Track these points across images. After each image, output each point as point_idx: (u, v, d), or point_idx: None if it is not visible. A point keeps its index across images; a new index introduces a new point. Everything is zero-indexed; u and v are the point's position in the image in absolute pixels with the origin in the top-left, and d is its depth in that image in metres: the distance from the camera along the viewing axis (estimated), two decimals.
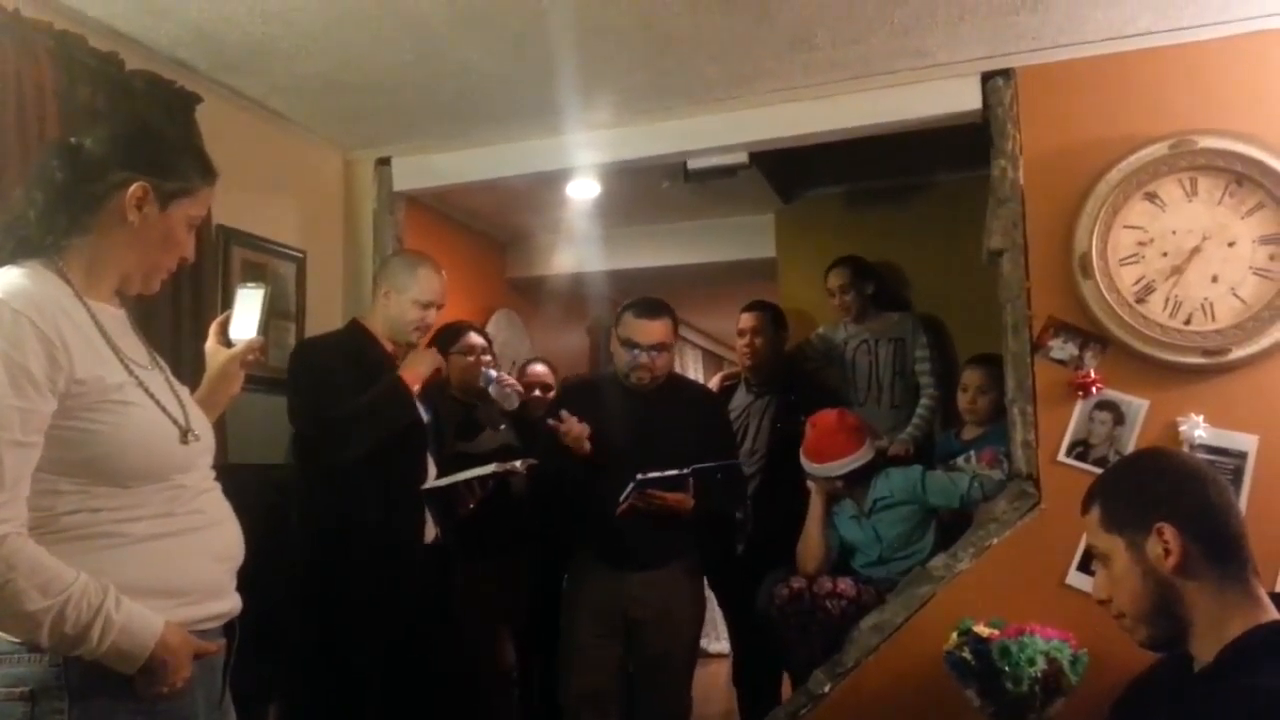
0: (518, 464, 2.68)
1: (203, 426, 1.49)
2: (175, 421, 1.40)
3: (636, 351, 2.84)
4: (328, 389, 2.53)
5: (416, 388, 2.59)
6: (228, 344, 1.69)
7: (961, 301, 3.80)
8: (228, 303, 2.95)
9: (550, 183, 3.88)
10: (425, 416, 2.71)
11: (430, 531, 2.66)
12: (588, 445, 2.73)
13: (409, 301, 2.68)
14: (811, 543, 2.98)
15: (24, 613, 1.20)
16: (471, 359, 3.29)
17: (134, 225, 1.40)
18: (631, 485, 2.64)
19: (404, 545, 2.56)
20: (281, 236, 3.31)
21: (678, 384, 3.13)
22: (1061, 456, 2.53)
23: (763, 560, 3.24)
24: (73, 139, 1.45)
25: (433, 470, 2.70)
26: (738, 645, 3.98)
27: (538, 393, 3.67)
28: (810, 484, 3.05)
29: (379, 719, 2.52)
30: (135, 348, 1.46)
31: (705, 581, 3.06)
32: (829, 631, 2.74)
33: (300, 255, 3.36)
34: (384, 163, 3.54)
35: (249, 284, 1.75)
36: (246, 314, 1.71)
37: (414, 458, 2.63)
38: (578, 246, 4.92)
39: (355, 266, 3.58)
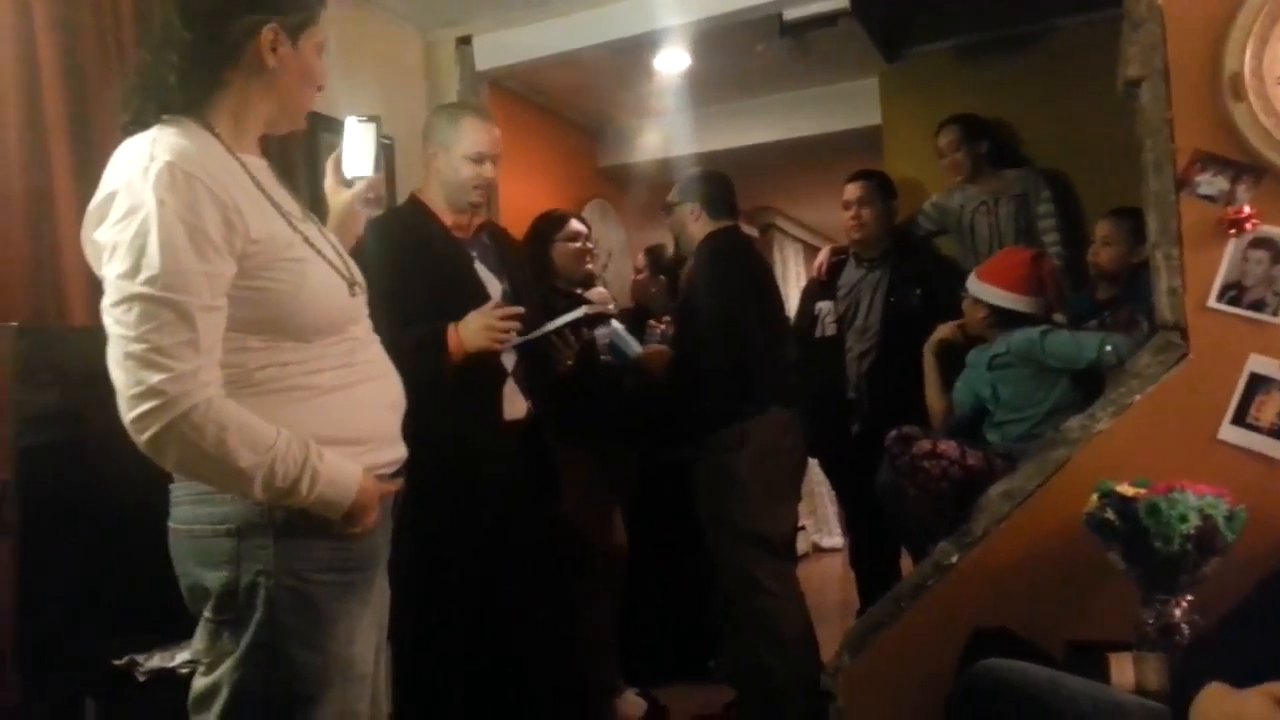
0: (610, 306, 2.57)
1: (362, 277, 1.50)
2: (341, 274, 1.43)
3: None
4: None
5: (457, 357, 2.31)
6: (347, 184, 1.67)
7: (1087, 158, 3.52)
8: (315, 191, 2.96)
9: (637, 55, 3.71)
10: (499, 288, 2.51)
11: (519, 407, 2.49)
12: None
13: (459, 158, 2.43)
14: (930, 401, 2.94)
15: (237, 470, 1.24)
16: (576, 245, 3.24)
17: (273, 69, 1.37)
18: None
19: (479, 423, 2.40)
20: None
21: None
22: (1212, 302, 2.29)
23: (877, 440, 3.12)
24: None
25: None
26: (853, 530, 3.89)
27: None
28: (936, 338, 2.97)
29: (478, 608, 2.44)
30: (287, 200, 1.44)
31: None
32: (933, 493, 2.64)
33: (388, 141, 3.29)
34: (465, 42, 3.44)
35: (359, 117, 1.67)
36: (359, 149, 1.65)
37: None
38: (669, 129, 4.74)
39: None
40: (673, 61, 3.91)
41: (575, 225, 3.29)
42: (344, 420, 1.37)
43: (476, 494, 2.39)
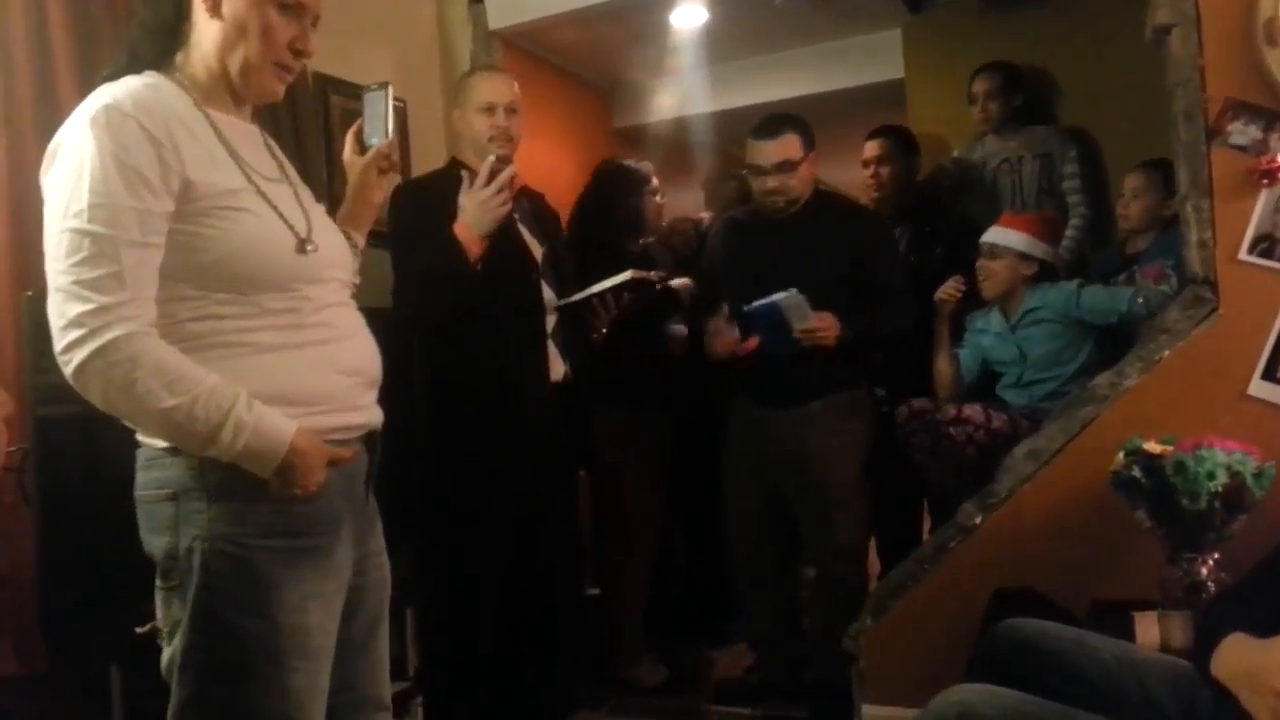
0: (651, 274, 2.57)
1: (327, 239, 1.44)
2: (294, 230, 1.37)
3: (763, 176, 2.73)
4: (414, 239, 2.42)
5: (476, 247, 2.30)
6: (363, 154, 1.64)
7: (1115, 111, 3.42)
8: (330, 155, 2.94)
9: (652, 11, 3.64)
10: (540, 250, 2.55)
11: (557, 369, 2.52)
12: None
13: (473, 113, 2.51)
14: (938, 367, 2.86)
15: (154, 410, 1.22)
16: (659, 198, 3.29)
17: (220, 22, 1.35)
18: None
19: (527, 384, 2.45)
20: None
21: (826, 202, 2.86)
22: (1243, 254, 2.24)
23: (895, 402, 3.08)
24: None
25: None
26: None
27: None
28: (939, 298, 2.85)
29: (510, 570, 2.47)
30: (263, 160, 1.43)
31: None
32: (958, 460, 2.60)
33: (400, 104, 3.25)
34: (477, 0, 3.38)
35: (372, 86, 1.67)
36: (375, 117, 1.65)
37: (527, 290, 2.48)
38: (685, 88, 4.64)
39: None
40: (688, 17, 3.83)
41: (654, 180, 3.32)
42: (284, 381, 1.32)
43: (513, 452, 2.43)
